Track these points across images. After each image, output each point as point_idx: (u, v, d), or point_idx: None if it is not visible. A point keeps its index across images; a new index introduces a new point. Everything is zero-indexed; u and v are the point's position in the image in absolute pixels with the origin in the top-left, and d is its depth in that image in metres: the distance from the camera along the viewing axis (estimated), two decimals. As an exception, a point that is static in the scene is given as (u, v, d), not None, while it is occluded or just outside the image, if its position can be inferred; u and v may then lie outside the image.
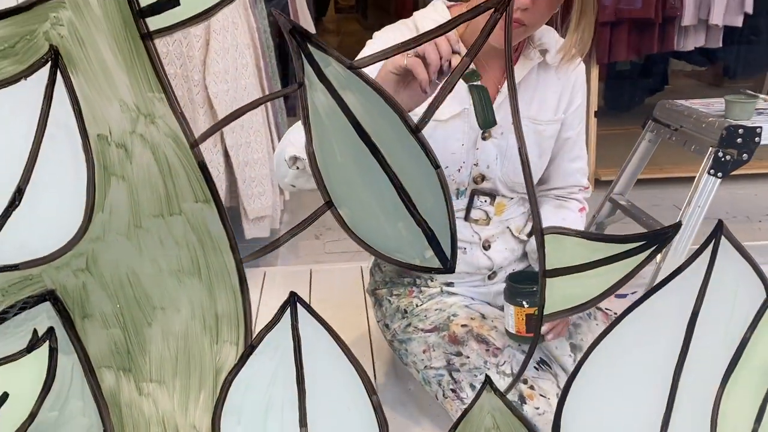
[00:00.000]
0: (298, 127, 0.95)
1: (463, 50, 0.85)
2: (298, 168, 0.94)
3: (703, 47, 2.85)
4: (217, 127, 0.56)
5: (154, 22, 0.53)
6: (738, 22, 2.67)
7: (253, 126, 1.64)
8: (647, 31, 2.65)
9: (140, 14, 0.52)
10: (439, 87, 0.78)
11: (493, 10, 0.54)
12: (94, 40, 0.53)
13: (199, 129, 0.59)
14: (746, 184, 2.86)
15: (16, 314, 0.59)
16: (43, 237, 0.57)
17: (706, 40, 2.77)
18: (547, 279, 0.64)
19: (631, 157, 1.84)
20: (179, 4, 0.52)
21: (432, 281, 1.21)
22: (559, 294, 0.65)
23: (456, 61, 0.80)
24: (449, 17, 1.07)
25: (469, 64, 0.56)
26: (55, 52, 0.52)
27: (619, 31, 2.68)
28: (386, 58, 0.56)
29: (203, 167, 0.57)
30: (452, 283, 1.21)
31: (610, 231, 1.95)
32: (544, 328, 1.02)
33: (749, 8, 2.64)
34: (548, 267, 0.63)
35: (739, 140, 1.40)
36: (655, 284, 0.66)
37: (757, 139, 1.40)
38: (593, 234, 0.64)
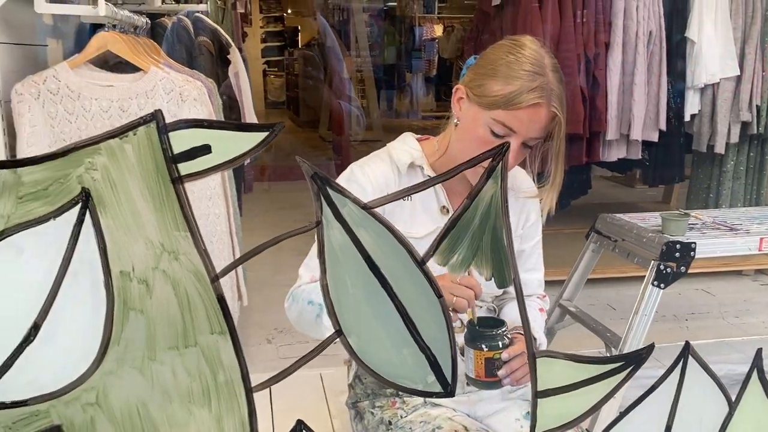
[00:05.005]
0: (310, 287, 1.10)
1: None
2: None
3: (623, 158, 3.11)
4: (239, 261, 0.59)
5: (184, 167, 0.56)
6: (654, 137, 2.94)
7: (216, 234, 1.65)
8: (575, 145, 2.88)
9: (173, 161, 0.56)
10: None
11: (491, 159, 0.61)
12: (126, 183, 0.55)
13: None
14: (672, 284, 3.05)
15: (18, 452, 0.57)
16: (55, 372, 0.57)
17: (627, 151, 3.02)
18: (539, 400, 0.68)
19: (577, 266, 1.95)
20: (211, 152, 0.56)
21: None
22: (549, 414, 0.69)
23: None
24: (419, 149, 1.17)
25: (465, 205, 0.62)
26: (87, 194, 0.55)
27: (551, 144, 2.91)
28: (397, 199, 0.61)
29: (221, 300, 0.59)
30: None
31: (560, 336, 2.04)
32: (501, 372, 1.03)
33: (663, 126, 2.93)
34: (540, 389, 0.68)
35: (677, 254, 1.52)
36: (632, 402, 0.71)
37: (692, 253, 1.54)
38: (579, 356, 0.69)
